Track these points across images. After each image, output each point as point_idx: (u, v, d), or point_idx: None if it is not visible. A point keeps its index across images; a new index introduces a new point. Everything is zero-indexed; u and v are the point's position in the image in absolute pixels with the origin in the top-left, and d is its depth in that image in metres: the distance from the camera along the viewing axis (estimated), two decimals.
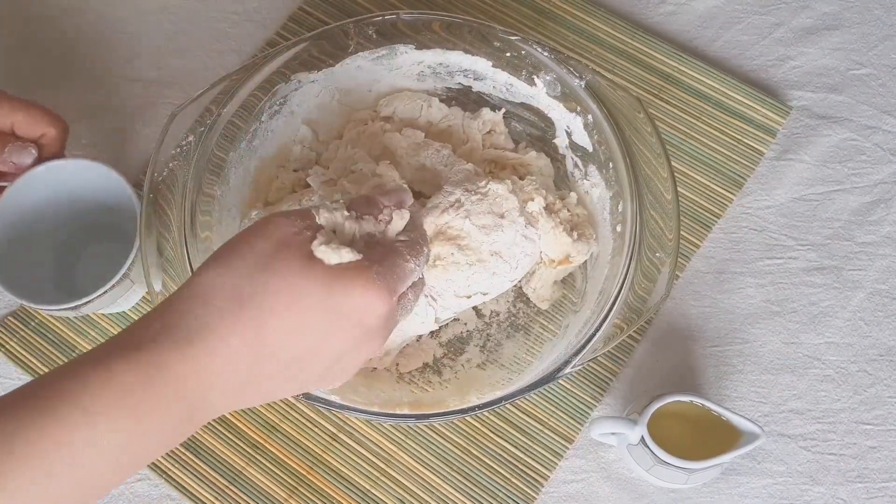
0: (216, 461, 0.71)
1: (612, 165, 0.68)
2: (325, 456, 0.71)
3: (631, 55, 0.84)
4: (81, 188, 0.71)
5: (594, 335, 0.61)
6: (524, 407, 0.72)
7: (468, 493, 0.70)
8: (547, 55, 0.70)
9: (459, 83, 0.76)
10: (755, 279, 0.76)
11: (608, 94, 0.68)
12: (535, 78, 0.72)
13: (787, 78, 0.84)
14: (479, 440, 0.71)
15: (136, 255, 0.67)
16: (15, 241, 0.69)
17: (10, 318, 0.76)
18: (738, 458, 0.70)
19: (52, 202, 0.71)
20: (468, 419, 0.72)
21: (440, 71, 0.75)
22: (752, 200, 0.79)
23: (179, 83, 0.85)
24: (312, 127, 0.75)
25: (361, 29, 0.71)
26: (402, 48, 0.73)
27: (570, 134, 0.72)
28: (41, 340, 0.75)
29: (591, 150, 0.71)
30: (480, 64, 0.73)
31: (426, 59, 0.74)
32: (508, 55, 0.71)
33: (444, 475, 0.70)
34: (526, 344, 0.72)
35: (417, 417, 0.63)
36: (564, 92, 0.71)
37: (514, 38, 0.70)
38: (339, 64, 0.72)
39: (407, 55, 0.73)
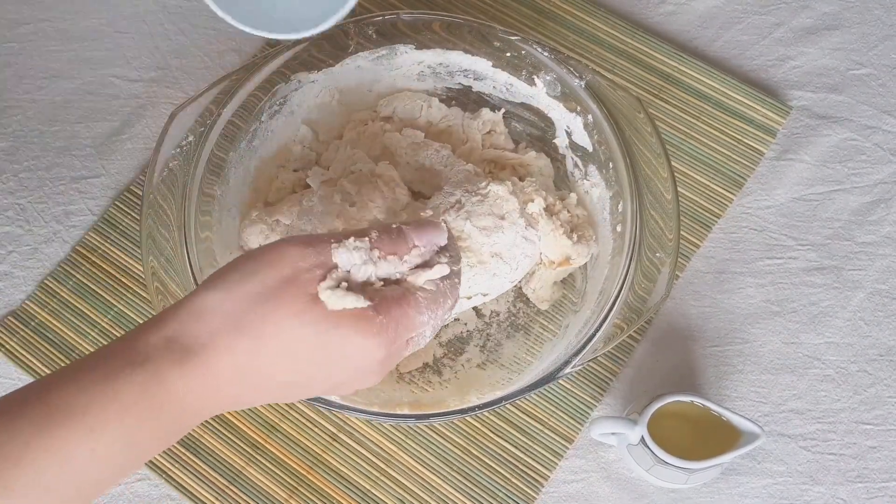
0: (216, 461, 0.71)
1: (612, 165, 0.68)
2: (325, 456, 0.71)
3: (631, 55, 0.84)
4: None
5: (594, 335, 0.61)
6: (524, 407, 0.72)
7: (468, 493, 0.70)
8: (547, 55, 0.70)
9: (459, 83, 0.76)
10: (755, 279, 0.76)
11: (608, 94, 0.68)
12: (535, 78, 0.72)
13: (787, 78, 0.84)
14: (479, 440, 0.71)
15: None
16: None
17: (9, 317, 0.76)
18: (738, 458, 0.70)
19: None
20: (468, 419, 0.72)
21: (440, 71, 0.75)
22: (752, 200, 0.79)
23: (179, 83, 0.85)
24: (312, 127, 0.76)
25: (361, 29, 0.71)
26: (402, 48, 0.73)
27: (570, 134, 0.72)
28: (41, 340, 0.75)
29: (591, 150, 0.71)
30: (480, 64, 0.73)
31: (426, 59, 0.74)
32: (508, 55, 0.71)
33: (444, 475, 0.70)
34: (526, 344, 0.72)
35: (417, 417, 0.63)
36: (564, 92, 0.71)
37: (514, 38, 0.70)
38: (339, 64, 0.72)
39: (407, 55, 0.73)
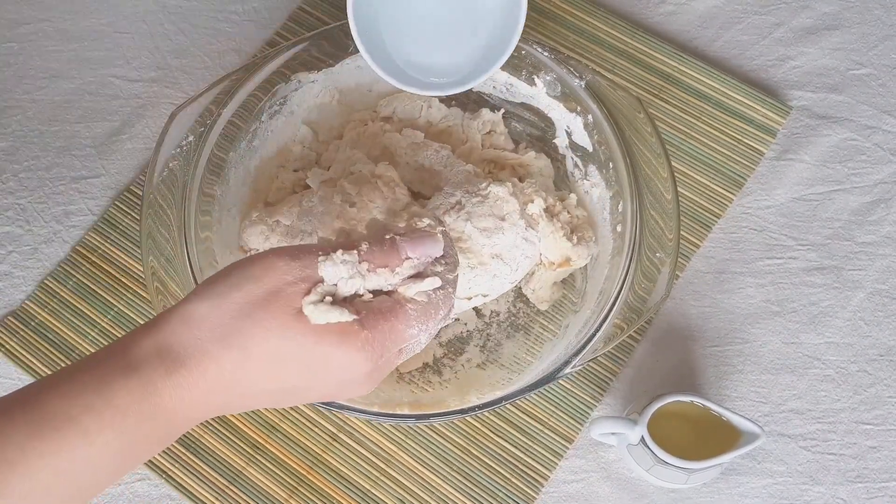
0: (216, 461, 0.71)
1: (612, 165, 0.68)
2: (325, 456, 0.71)
3: (631, 55, 0.84)
4: None
5: (594, 335, 0.61)
6: (524, 407, 0.72)
7: (468, 493, 0.70)
8: (547, 55, 0.70)
9: None
10: (755, 279, 0.76)
11: (608, 94, 0.68)
12: (535, 78, 0.72)
13: (787, 78, 0.84)
14: (479, 440, 0.71)
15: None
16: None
17: (9, 318, 0.76)
18: (738, 458, 0.70)
19: None
20: (468, 419, 0.72)
21: None
22: (752, 200, 0.79)
23: (179, 83, 0.85)
24: (312, 127, 0.75)
25: None
26: None
27: (570, 134, 0.72)
28: (41, 340, 0.75)
29: (591, 150, 0.71)
30: None
31: None
32: None
33: (444, 475, 0.70)
34: (526, 344, 0.71)
35: (417, 417, 0.63)
36: (564, 92, 0.71)
37: None
38: (339, 64, 0.72)
39: None
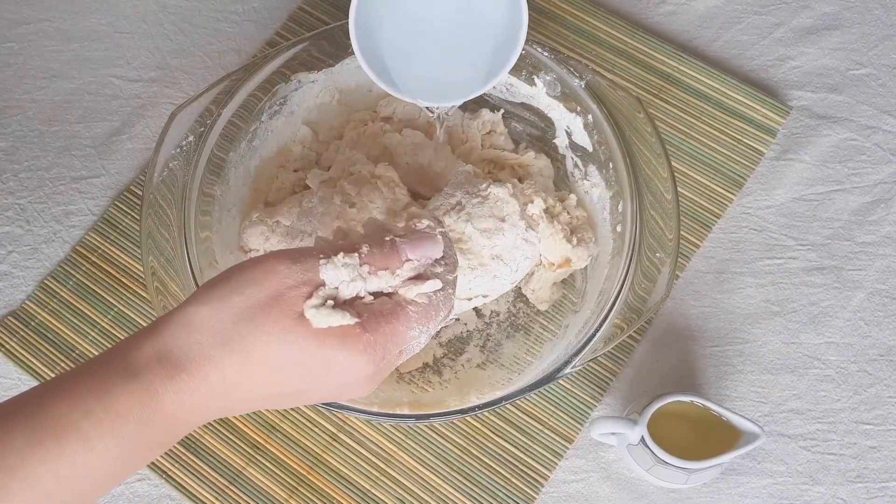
0: (216, 461, 0.71)
1: (612, 165, 0.68)
2: (325, 456, 0.71)
3: (631, 55, 0.84)
4: None
5: (594, 335, 0.61)
6: (524, 407, 0.72)
7: (468, 493, 0.70)
8: (547, 55, 0.70)
9: None
10: (755, 279, 0.76)
11: (608, 94, 0.68)
12: (535, 78, 0.72)
13: (787, 78, 0.84)
14: (479, 440, 0.71)
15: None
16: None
17: (9, 318, 0.76)
18: (738, 458, 0.70)
19: None
20: (468, 419, 0.72)
21: None
22: (752, 200, 0.79)
23: (179, 83, 0.85)
24: (312, 127, 0.75)
25: None
26: None
27: (570, 134, 0.72)
28: (41, 340, 0.75)
29: (591, 150, 0.71)
30: None
31: None
32: None
33: (444, 475, 0.70)
34: (526, 344, 0.71)
35: (417, 417, 0.63)
36: (564, 92, 0.71)
37: None
38: (339, 64, 0.72)
39: None
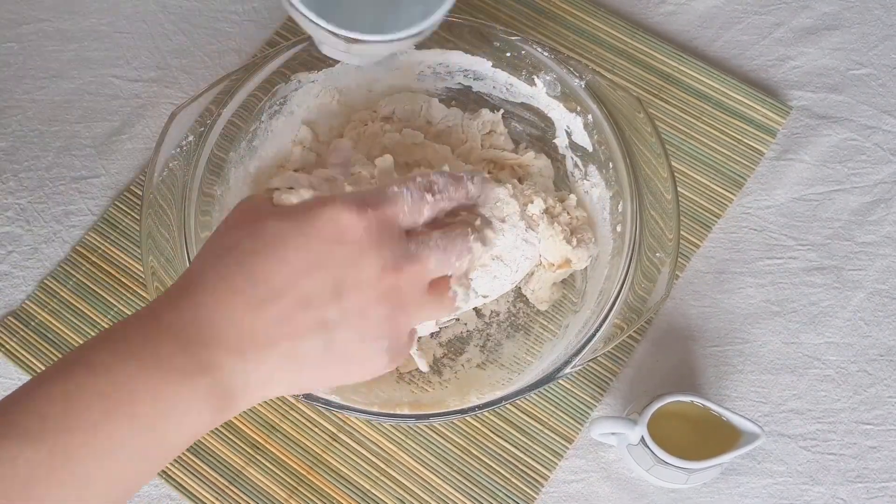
0: (216, 461, 0.71)
1: (612, 165, 0.68)
2: (325, 456, 0.71)
3: (631, 55, 0.84)
4: None
5: (594, 335, 0.61)
6: (524, 407, 0.72)
7: (468, 493, 0.70)
8: (547, 55, 0.70)
9: (459, 83, 0.76)
10: (755, 279, 0.76)
11: (608, 94, 0.68)
12: (535, 78, 0.72)
13: (787, 78, 0.84)
14: (479, 440, 0.71)
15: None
16: None
17: (9, 317, 0.76)
18: (738, 458, 0.70)
19: None
20: (468, 419, 0.72)
21: (440, 71, 0.75)
22: (752, 200, 0.79)
23: (179, 83, 0.85)
24: (312, 127, 0.75)
25: None
26: None
27: (570, 134, 0.72)
28: (41, 340, 0.75)
29: (591, 150, 0.71)
30: (480, 64, 0.73)
31: (426, 59, 0.74)
32: (508, 55, 0.71)
33: (444, 475, 0.70)
34: (526, 344, 0.72)
35: (417, 417, 0.63)
36: (564, 92, 0.71)
37: (514, 38, 0.70)
38: (339, 64, 0.72)
39: (407, 55, 0.73)
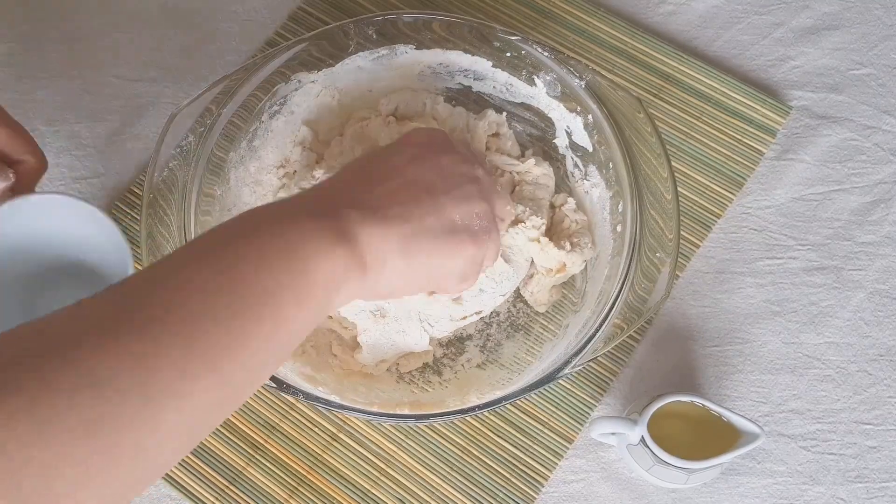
0: (216, 461, 0.71)
1: (612, 165, 0.68)
2: (325, 456, 0.71)
3: (631, 55, 0.84)
4: (54, 226, 0.66)
5: (594, 335, 0.61)
6: (524, 407, 0.72)
7: (468, 493, 0.70)
8: (547, 55, 0.70)
9: (459, 83, 0.76)
10: (755, 279, 0.76)
11: (608, 94, 0.68)
12: (535, 78, 0.72)
13: (787, 78, 0.84)
14: (479, 440, 0.71)
15: None
16: None
17: None
18: (738, 458, 0.70)
19: (19, 242, 0.66)
20: (468, 419, 0.72)
21: (440, 71, 0.75)
22: (752, 200, 0.79)
23: (179, 83, 0.85)
24: (312, 127, 0.75)
25: (361, 29, 0.71)
26: (402, 48, 0.73)
27: (570, 134, 0.72)
28: None
29: (591, 150, 0.71)
30: (480, 64, 0.73)
31: (426, 59, 0.74)
32: (508, 55, 0.71)
33: (444, 475, 0.70)
34: (526, 344, 0.71)
35: (417, 417, 0.63)
36: (564, 92, 0.71)
37: (514, 38, 0.70)
38: (339, 64, 0.72)
39: (407, 55, 0.73)
